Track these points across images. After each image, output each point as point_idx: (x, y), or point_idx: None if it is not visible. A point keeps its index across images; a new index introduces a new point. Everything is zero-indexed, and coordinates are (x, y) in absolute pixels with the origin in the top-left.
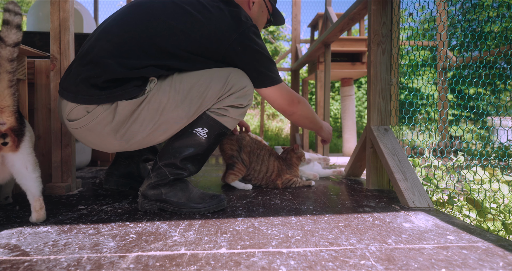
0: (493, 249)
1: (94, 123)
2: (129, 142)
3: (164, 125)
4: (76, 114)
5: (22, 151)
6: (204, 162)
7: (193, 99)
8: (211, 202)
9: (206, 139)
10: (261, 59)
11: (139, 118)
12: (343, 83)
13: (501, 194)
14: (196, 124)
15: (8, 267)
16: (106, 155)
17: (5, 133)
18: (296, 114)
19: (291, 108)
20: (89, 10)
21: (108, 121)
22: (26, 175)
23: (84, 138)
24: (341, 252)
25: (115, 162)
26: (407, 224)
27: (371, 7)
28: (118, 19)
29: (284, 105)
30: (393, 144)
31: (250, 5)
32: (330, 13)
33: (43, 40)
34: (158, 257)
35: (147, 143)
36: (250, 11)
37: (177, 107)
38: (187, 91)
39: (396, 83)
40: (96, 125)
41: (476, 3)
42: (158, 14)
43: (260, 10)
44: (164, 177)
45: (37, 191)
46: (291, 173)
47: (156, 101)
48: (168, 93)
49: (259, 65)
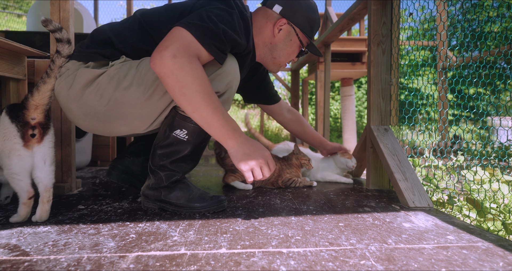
0: (493, 249)
1: (60, 84)
2: (87, 116)
3: (119, 106)
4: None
5: (45, 144)
6: (197, 159)
7: (149, 81)
8: (211, 202)
9: (188, 139)
10: (210, 11)
11: (95, 89)
12: (343, 83)
13: (501, 194)
14: (173, 128)
15: (8, 267)
16: (106, 154)
17: (34, 126)
18: (159, 70)
19: (155, 54)
20: (89, 10)
21: (68, 86)
22: (42, 168)
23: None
24: (341, 252)
25: (121, 156)
26: (407, 224)
27: (371, 7)
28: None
29: (156, 49)
30: (393, 144)
31: (275, 31)
32: (330, 13)
33: (43, 40)
34: (158, 257)
35: (110, 130)
36: (275, 38)
37: (132, 86)
38: (145, 70)
39: (396, 83)
40: (62, 86)
41: (476, 3)
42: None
43: (287, 38)
44: (160, 181)
45: (50, 182)
46: (291, 173)
47: (115, 74)
48: (128, 69)
49: (203, 11)
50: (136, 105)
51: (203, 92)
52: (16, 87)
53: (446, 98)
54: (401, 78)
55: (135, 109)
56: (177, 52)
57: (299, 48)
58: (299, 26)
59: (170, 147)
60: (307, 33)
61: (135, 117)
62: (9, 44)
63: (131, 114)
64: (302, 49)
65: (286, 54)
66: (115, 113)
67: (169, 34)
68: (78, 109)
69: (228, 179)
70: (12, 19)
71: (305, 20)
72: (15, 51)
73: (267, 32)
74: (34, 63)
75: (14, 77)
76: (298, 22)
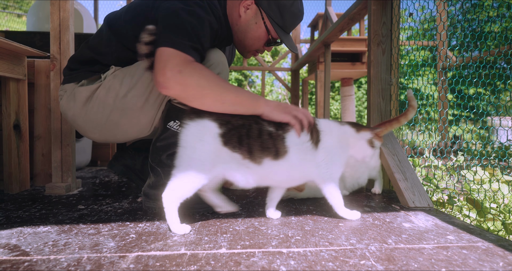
0: (493, 249)
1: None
2: (96, 129)
3: (122, 113)
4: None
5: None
6: None
7: (143, 84)
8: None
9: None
10: (172, 14)
11: (96, 103)
12: (343, 83)
13: (501, 194)
14: (168, 119)
15: (8, 267)
16: (106, 154)
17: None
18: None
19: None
20: (89, 10)
21: (70, 106)
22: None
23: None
24: (341, 252)
25: (123, 149)
26: (407, 224)
27: (371, 7)
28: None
29: (156, 76)
30: (393, 144)
31: (241, 11)
32: (330, 13)
33: (43, 40)
34: (158, 257)
35: (120, 137)
36: (240, 18)
37: (129, 92)
38: (140, 75)
39: (396, 83)
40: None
41: (476, 3)
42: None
43: (252, 21)
44: (160, 178)
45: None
46: None
47: (111, 85)
48: (122, 79)
49: (168, 18)
50: (136, 109)
51: (219, 84)
52: (16, 87)
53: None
54: (401, 78)
55: (137, 113)
56: (179, 66)
57: (266, 35)
58: (265, 9)
59: (166, 140)
60: (275, 20)
61: (139, 120)
62: (9, 44)
63: (134, 118)
64: (270, 37)
65: (251, 38)
66: (120, 121)
67: (158, 58)
68: (85, 124)
69: (226, 184)
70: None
71: (275, 5)
72: (15, 51)
73: (235, 12)
74: (34, 63)
75: (14, 77)
76: (265, 5)
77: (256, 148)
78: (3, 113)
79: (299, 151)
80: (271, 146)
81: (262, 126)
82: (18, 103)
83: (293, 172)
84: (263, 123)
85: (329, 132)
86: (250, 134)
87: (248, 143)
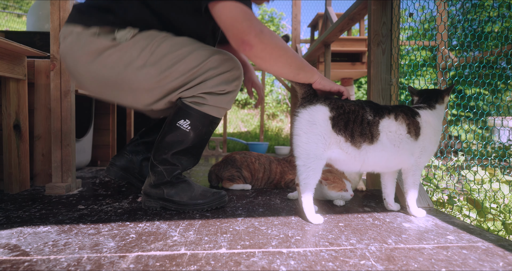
0: (493, 249)
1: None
2: (94, 81)
3: (129, 81)
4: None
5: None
6: (199, 155)
7: (163, 67)
8: (213, 198)
9: (190, 130)
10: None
11: (105, 61)
12: (343, 83)
13: (501, 194)
14: (177, 117)
15: (8, 267)
16: (106, 154)
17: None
18: (256, 48)
19: (246, 37)
20: None
21: (76, 49)
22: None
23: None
24: (341, 252)
25: (119, 153)
26: (407, 224)
27: (371, 7)
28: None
29: (239, 33)
30: None
31: None
32: (330, 13)
33: (43, 40)
34: (158, 257)
35: (114, 98)
36: None
37: (144, 68)
38: (160, 56)
39: (396, 83)
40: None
41: (477, 3)
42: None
43: None
44: (161, 176)
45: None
46: (294, 174)
47: (125, 52)
48: (141, 49)
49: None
50: (143, 88)
51: (289, 47)
52: (16, 87)
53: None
54: (401, 78)
55: (142, 91)
56: (258, 27)
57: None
58: None
59: (173, 137)
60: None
61: (142, 93)
62: (9, 44)
63: (139, 89)
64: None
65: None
66: (123, 86)
67: (229, 17)
68: (86, 73)
69: (226, 185)
70: (12, 19)
71: None
72: (15, 51)
73: None
74: (34, 63)
75: (14, 77)
76: None
77: (357, 133)
78: (3, 113)
79: (396, 138)
80: (368, 132)
81: (365, 113)
82: (18, 103)
83: (390, 158)
84: (367, 109)
85: (427, 123)
86: (356, 120)
87: (352, 128)
